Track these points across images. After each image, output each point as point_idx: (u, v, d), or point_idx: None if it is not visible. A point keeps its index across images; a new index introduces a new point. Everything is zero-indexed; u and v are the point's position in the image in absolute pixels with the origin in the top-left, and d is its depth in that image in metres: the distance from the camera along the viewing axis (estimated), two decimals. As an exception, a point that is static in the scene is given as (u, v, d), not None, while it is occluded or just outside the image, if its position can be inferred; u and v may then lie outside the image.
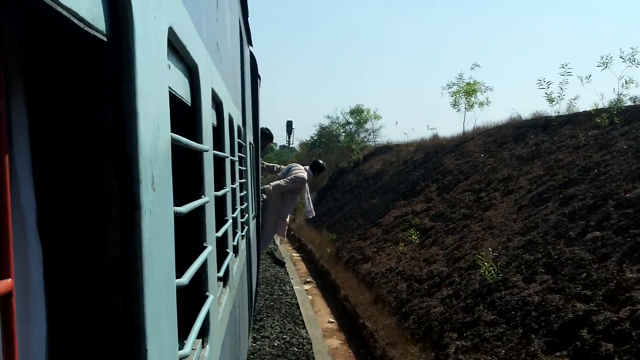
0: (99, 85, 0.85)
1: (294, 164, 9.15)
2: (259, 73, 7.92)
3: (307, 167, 8.90)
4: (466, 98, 20.07)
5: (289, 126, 33.89)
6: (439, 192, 12.50)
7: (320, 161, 9.22)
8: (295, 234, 19.22)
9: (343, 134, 37.77)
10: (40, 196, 0.86)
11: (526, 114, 20.35)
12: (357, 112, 35.63)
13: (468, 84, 20.05)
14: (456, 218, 10.22)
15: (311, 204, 9.44)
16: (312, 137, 41.69)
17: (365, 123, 35.24)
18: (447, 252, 8.96)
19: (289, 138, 33.98)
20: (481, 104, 20.01)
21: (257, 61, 7.63)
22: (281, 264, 13.86)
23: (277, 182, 8.40)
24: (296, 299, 10.42)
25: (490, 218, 9.08)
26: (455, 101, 20.64)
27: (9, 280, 0.56)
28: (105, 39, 0.82)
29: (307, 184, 8.84)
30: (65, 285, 0.89)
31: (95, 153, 0.86)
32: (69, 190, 0.88)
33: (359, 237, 13.50)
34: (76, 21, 0.71)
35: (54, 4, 0.63)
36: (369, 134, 36.04)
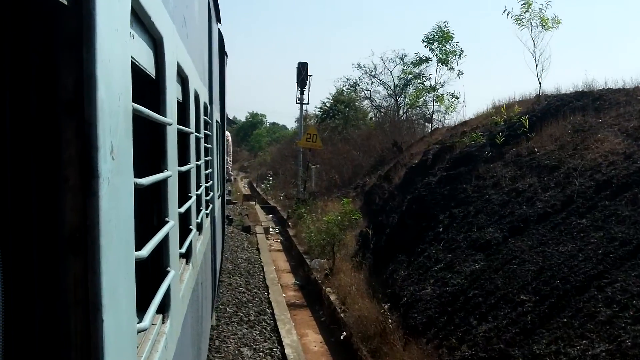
0: (58, 48, 0.84)
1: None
2: (226, 50, 7.94)
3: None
4: None
5: (302, 71, 19.45)
6: None
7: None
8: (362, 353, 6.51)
9: (387, 86, 24.23)
10: None
11: None
12: (438, 39, 17.56)
13: None
14: None
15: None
16: (323, 103, 27.48)
17: (457, 56, 17.68)
18: None
19: (302, 93, 19.85)
20: None
21: (224, 38, 7.57)
22: None
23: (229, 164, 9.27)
24: None
25: None
26: None
27: None
28: (65, 1, 0.81)
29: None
30: (21, 253, 0.87)
31: (54, 118, 0.84)
32: (26, 156, 0.86)
33: None
34: None
35: None
36: (443, 86, 18.92)
